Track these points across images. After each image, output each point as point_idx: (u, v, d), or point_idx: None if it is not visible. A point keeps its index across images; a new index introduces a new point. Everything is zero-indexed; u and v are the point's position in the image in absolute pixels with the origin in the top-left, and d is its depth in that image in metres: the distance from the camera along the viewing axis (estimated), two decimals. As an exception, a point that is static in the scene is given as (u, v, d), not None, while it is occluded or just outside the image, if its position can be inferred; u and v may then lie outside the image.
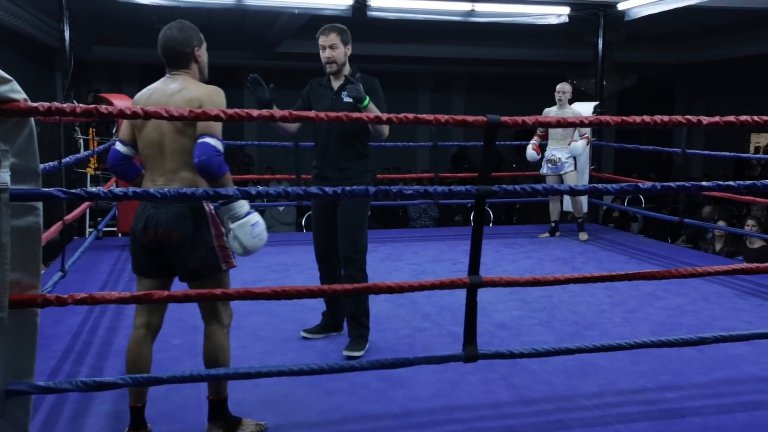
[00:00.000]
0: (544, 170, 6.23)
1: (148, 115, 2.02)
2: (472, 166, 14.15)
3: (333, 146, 3.30)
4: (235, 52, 12.99)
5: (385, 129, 3.24)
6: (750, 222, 6.28)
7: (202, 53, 2.52)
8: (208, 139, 2.26)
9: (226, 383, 2.50)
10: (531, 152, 6.21)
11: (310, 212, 7.75)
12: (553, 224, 6.36)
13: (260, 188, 2.31)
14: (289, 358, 3.22)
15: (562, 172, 6.10)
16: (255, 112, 2.19)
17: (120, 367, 3.08)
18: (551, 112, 6.11)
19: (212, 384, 2.44)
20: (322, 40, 3.26)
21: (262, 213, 8.00)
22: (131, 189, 2.08)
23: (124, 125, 2.46)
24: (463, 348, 2.47)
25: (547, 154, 6.21)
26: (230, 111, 2.13)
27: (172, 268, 2.43)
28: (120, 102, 5.65)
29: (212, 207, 2.42)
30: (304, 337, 3.52)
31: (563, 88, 6.11)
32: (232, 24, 10.20)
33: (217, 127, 2.29)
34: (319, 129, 3.37)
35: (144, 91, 2.48)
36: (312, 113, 2.28)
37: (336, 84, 3.34)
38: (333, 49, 3.24)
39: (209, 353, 2.47)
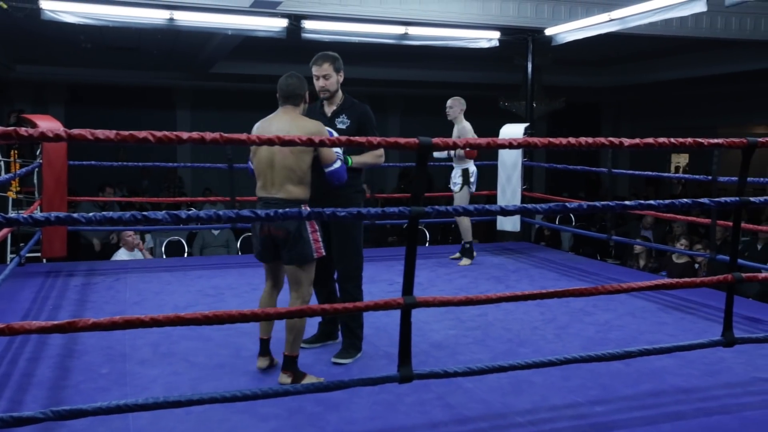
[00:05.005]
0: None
1: (71, 138, 1.97)
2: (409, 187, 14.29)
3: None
4: (168, 72, 12.76)
5: (380, 159, 3.59)
6: (683, 241, 6.56)
7: (307, 98, 3.23)
8: (334, 167, 3.12)
9: (299, 344, 3.12)
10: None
11: (246, 234, 7.68)
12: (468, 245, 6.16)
13: (192, 212, 2.27)
14: (223, 383, 3.15)
15: (454, 192, 6.05)
16: (185, 135, 2.16)
17: (42, 400, 2.95)
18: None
19: (288, 342, 3.07)
20: (316, 70, 3.47)
21: (194, 236, 7.85)
22: (54, 214, 2.01)
23: (252, 149, 3.15)
24: (398, 369, 2.48)
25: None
26: (159, 133, 2.10)
27: (280, 255, 3.13)
28: (44, 123, 5.45)
29: (308, 209, 2.96)
30: (302, 347, 3.56)
31: (452, 103, 5.92)
32: (164, 44, 10.04)
33: (333, 153, 3.12)
34: None
35: (265, 119, 3.21)
36: (254, 136, 2.26)
37: (329, 110, 3.57)
38: (326, 78, 3.47)
39: (289, 321, 3.07)
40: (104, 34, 8.90)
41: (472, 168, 6.00)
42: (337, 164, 3.12)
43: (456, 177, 6.00)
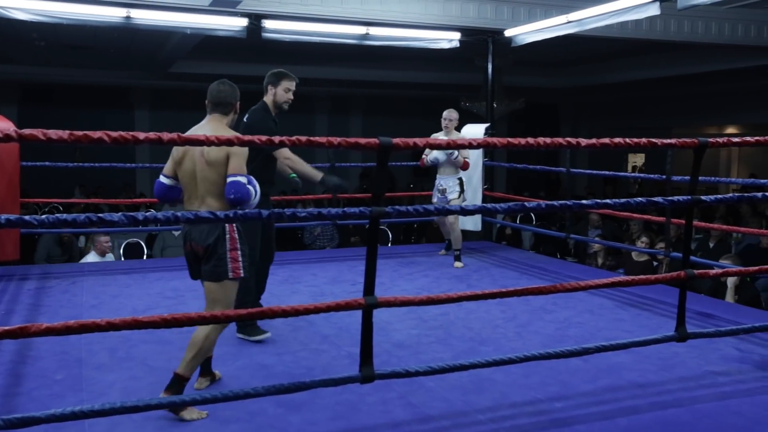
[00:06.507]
0: (434, 199, 6.07)
1: (22, 138, 1.92)
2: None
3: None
4: (126, 71, 12.52)
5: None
6: (644, 239, 6.70)
7: (237, 108, 3.08)
8: (239, 178, 2.81)
9: (196, 366, 2.86)
10: (434, 155, 5.95)
11: None
12: (447, 241, 6.39)
13: (149, 213, 2.24)
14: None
15: (448, 200, 5.93)
16: (141, 135, 2.12)
17: (-6, 408, 2.87)
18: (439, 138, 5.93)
19: (185, 360, 2.82)
20: (294, 86, 3.96)
21: (154, 237, 7.71)
22: (4, 216, 1.95)
23: (168, 162, 3.02)
24: (359, 369, 2.48)
25: (436, 183, 6.07)
26: (114, 134, 2.06)
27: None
28: (-4, 123, 5.29)
29: (234, 226, 2.89)
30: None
31: (450, 116, 5.92)
32: (121, 42, 9.85)
33: (244, 165, 2.85)
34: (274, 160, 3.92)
35: (194, 127, 3.04)
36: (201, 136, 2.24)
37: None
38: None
39: (194, 335, 2.84)
40: (58, 32, 8.69)
41: (464, 179, 6.09)
42: (242, 178, 2.83)
43: (454, 186, 5.95)
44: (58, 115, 12.88)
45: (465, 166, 5.98)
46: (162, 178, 3.03)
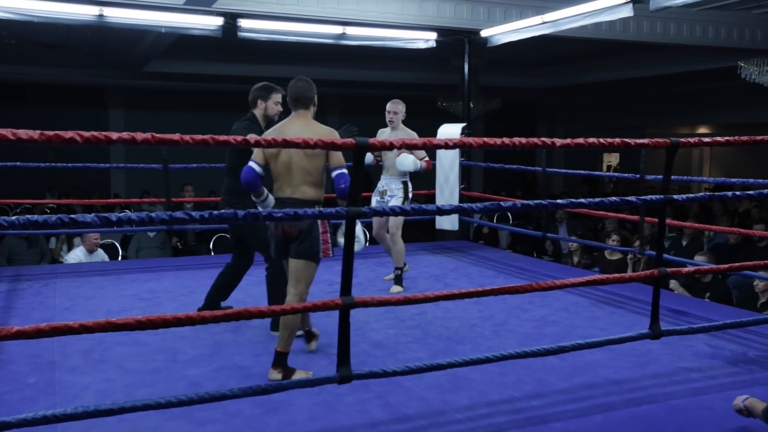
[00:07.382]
0: (373, 201, 5.22)
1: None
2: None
3: None
4: (99, 70, 12.33)
5: None
6: (614, 237, 6.78)
7: (316, 101, 3.42)
8: (345, 170, 3.10)
9: (292, 341, 3.17)
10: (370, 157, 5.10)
11: (219, 234, 7.49)
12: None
13: (123, 214, 2.21)
14: (158, 389, 3.08)
15: (390, 205, 4.92)
16: (114, 135, 2.10)
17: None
18: (384, 135, 5.17)
19: (281, 338, 3.14)
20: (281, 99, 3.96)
21: (129, 238, 7.62)
22: (-27, 218, 1.92)
23: (258, 150, 3.23)
24: (337, 369, 2.48)
25: (379, 184, 5.25)
26: (87, 134, 2.03)
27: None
28: (-35, 122, 5.19)
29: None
30: None
31: (394, 108, 5.11)
32: (94, 41, 9.71)
33: (343, 158, 3.17)
34: None
35: (280, 123, 3.36)
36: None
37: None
38: None
39: (284, 317, 3.13)
40: (29, 30, 8.54)
41: (410, 184, 5.20)
42: (344, 170, 3.16)
43: (397, 189, 5.12)
44: (31, 115, 12.65)
45: (430, 166, 5.21)
46: (254, 165, 3.22)
